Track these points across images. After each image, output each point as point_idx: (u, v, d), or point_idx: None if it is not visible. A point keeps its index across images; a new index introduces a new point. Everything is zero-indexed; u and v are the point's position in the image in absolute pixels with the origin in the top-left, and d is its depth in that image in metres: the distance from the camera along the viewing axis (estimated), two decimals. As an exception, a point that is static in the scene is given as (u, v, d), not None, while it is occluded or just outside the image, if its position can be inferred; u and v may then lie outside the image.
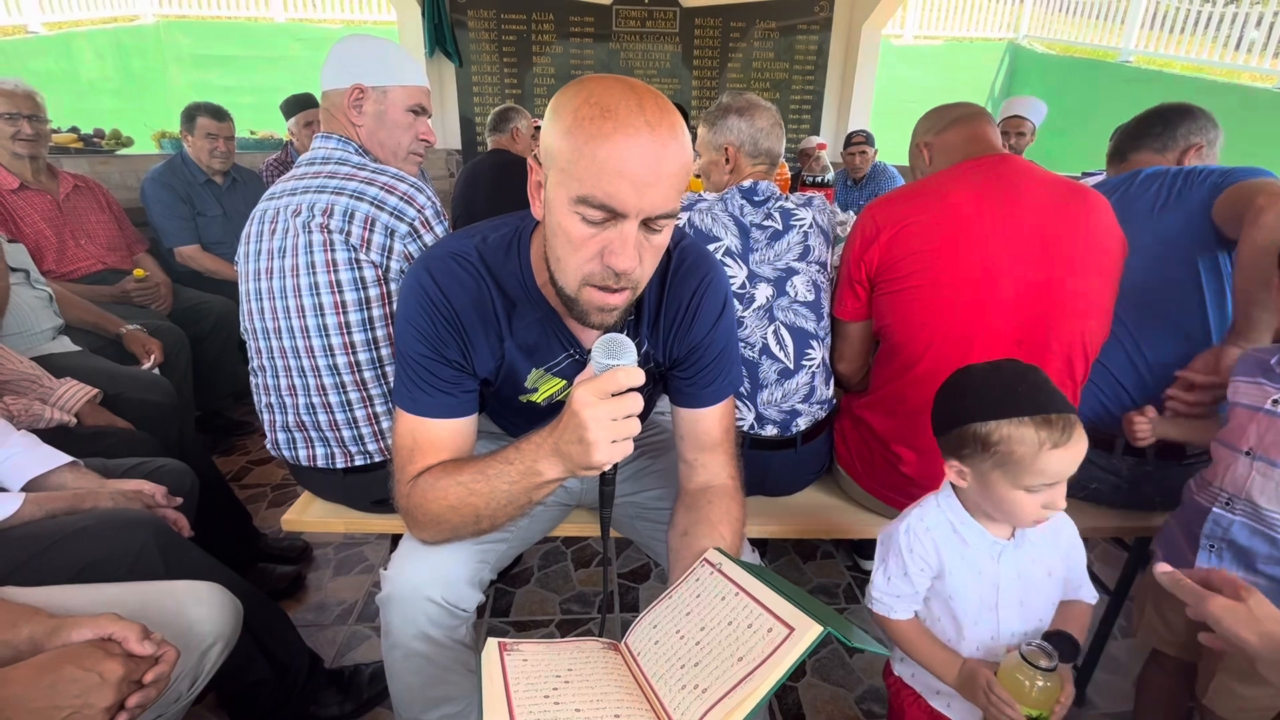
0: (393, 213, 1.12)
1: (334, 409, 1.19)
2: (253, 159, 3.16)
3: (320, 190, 1.13)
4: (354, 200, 1.11)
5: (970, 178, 1.18)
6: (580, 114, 0.68)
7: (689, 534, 0.87)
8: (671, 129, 0.69)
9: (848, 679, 1.48)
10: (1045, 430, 0.78)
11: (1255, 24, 6.01)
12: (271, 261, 1.16)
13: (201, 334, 2.32)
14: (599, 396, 0.69)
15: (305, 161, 1.21)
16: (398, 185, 1.14)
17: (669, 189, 0.70)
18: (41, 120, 2.08)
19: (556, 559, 1.85)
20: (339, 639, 1.55)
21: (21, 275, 1.74)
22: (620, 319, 0.79)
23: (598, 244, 0.72)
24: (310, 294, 1.13)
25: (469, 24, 4.55)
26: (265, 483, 2.22)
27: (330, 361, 1.16)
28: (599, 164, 0.67)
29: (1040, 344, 1.13)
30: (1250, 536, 0.95)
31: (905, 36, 8.45)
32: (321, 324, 1.14)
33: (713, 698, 0.57)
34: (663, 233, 0.74)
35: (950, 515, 0.92)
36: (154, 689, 0.75)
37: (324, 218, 1.11)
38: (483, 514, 0.81)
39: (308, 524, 1.30)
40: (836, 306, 1.33)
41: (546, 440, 0.76)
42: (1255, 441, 0.94)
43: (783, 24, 4.72)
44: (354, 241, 1.11)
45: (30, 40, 6.06)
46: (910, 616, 0.95)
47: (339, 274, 1.12)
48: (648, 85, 0.71)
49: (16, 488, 1.08)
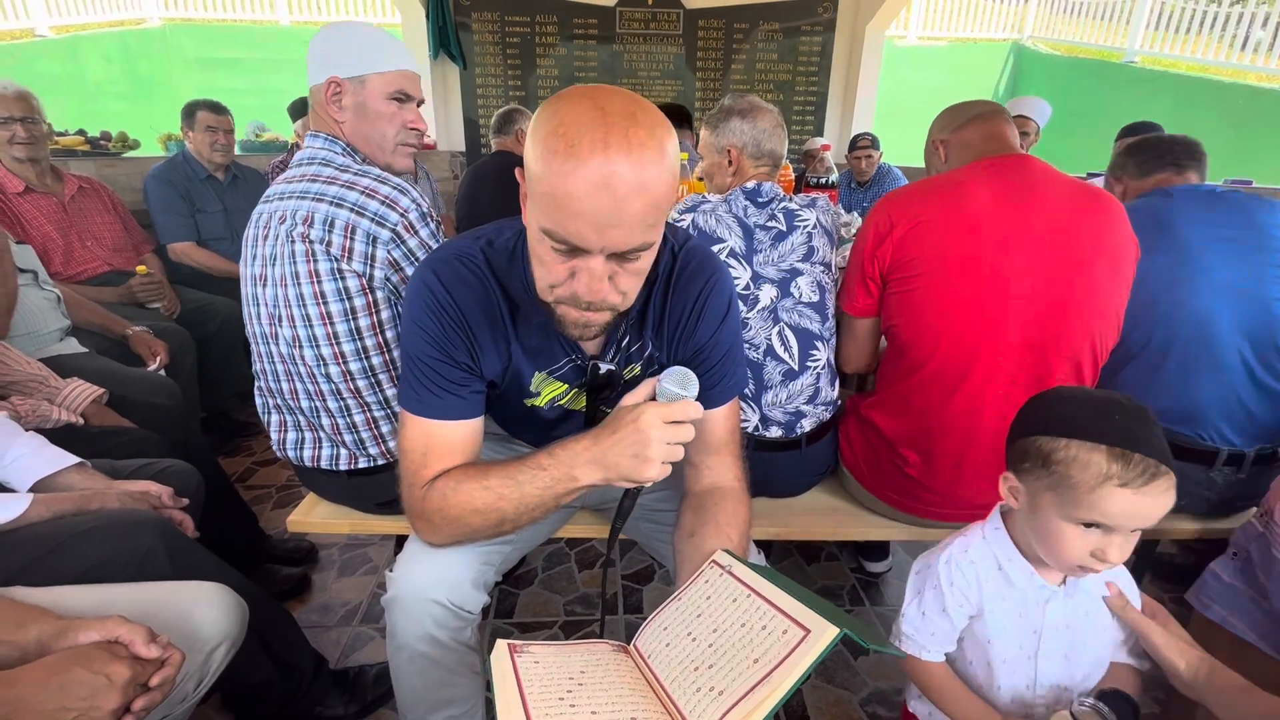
0: (374, 219, 1.07)
1: (334, 414, 1.20)
2: (259, 161, 3.17)
3: (302, 196, 1.09)
4: (333, 207, 1.07)
5: (987, 176, 1.16)
6: (547, 144, 0.65)
7: (696, 536, 0.86)
8: (641, 161, 0.64)
9: (852, 681, 1.48)
10: (1119, 464, 0.69)
11: (1261, 24, 5.99)
12: (265, 269, 1.14)
13: (207, 335, 2.33)
14: (665, 420, 0.75)
15: (295, 163, 1.18)
16: (379, 189, 1.09)
17: (634, 226, 0.67)
18: (35, 122, 2.05)
19: (560, 560, 1.85)
20: (343, 640, 1.55)
21: (30, 276, 1.74)
22: (602, 332, 0.80)
23: (567, 269, 0.72)
24: (298, 305, 1.11)
25: (473, 26, 4.56)
26: (270, 484, 2.22)
27: (324, 370, 1.16)
28: (559, 202, 0.66)
29: (1050, 347, 1.13)
30: None
31: (909, 37, 8.43)
32: (311, 334, 1.13)
33: (730, 700, 0.57)
34: (640, 260, 0.73)
35: (996, 549, 0.84)
36: (159, 692, 0.75)
37: (304, 227, 1.07)
38: (508, 518, 0.83)
39: (313, 525, 1.30)
40: (846, 302, 1.32)
41: (589, 448, 0.78)
42: None
43: (786, 25, 4.71)
44: (335, 251, 1.07)
45: (38, 43, 6.09)
46: (941, 659, 0.87)
47: (322, 285, 1.10)
48: (627, 105, 0.66)
49: (24, 488, 1.09)
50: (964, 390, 1.16)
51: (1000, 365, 1.14)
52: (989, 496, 1.16)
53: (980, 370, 1.15)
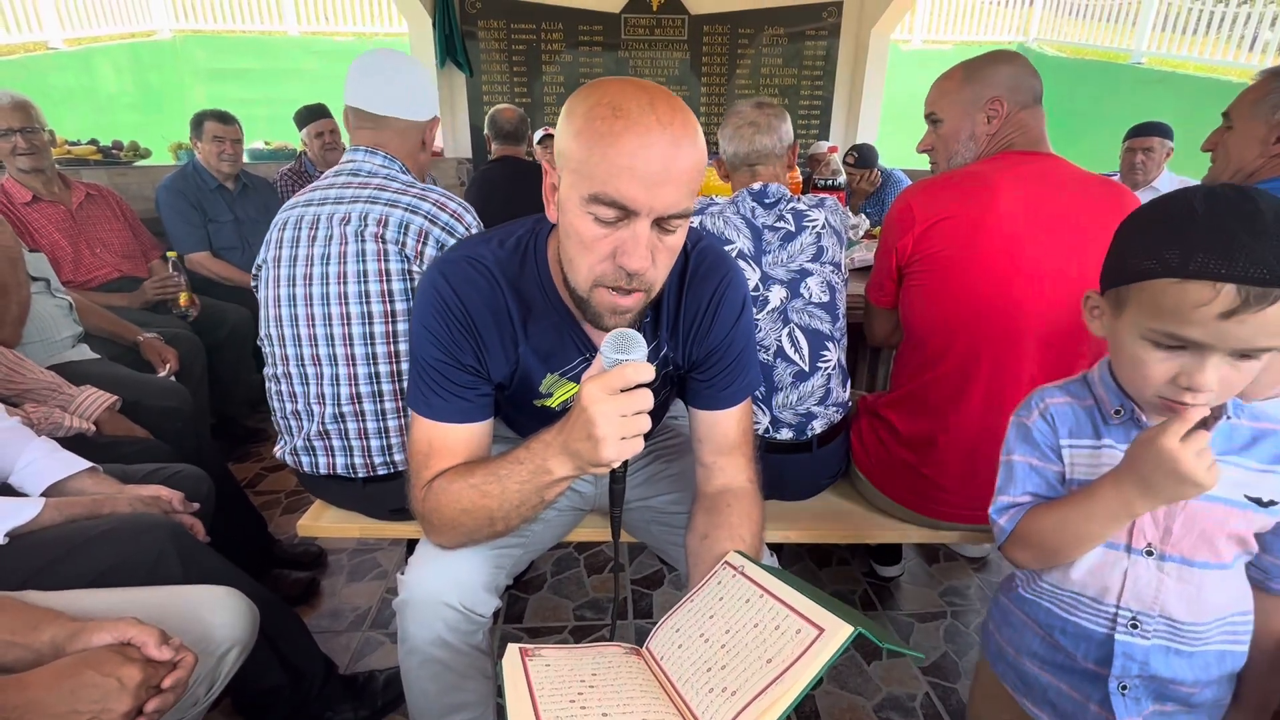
0: (444, 228, 1.17)
1: (365, 417, 1.21)
2: (268, 169, 3.20)
3: (372, 201, 1.17)
4: (408, 214, 1.16)
5: (1013, 174, 1.14)
6: (592, 115, 0.68)
7: (709, 537, 0.85)
8: (684, 127, 0.69)
9: (866, 687, 1.46)
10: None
11: (1270, 24, 5.96)
12: (311, 268, 1.18)
13: (218, 341, 2.34)
14: (607, 392, 0.67)
15: (347, 172, 1.24)
16: (448, 203, 1.20)
17: (681, 187, 0.69)
18: (35, 131, 2.05)
19: (569, 565, 1.85)
20: (353, 645, 1.55)
21: (42, 284, 1.76)
22: (635, 321, 0.78)
23: (610, 244, 0.71)
24: (359, 302, 1.16)
25: (479, 34, 4.59)
26: (280, 489, 2.23)
27: (371, 370, 1.18)
28: (610, 162, 0.67)
29: (1070, 345, 1.11)
30: (1170, 661, 0.75)
31: (914, 41, 8.43)
32: (367, 332, 1.17)
33: (743, 700, 0.56)
34: (677, 233, 0.74)
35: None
36: (171, 694, 0.75)
37: (379, 228, 1.15)
38: (496, 516, 0.81)
39: (323, 529, 1.30)
40: (874, 293, 1.35)
41: (556, 438, 0.75)
42: (1157, 535, 0.73)
43: (791, 30, 4.72)
44: (408, 252, 1.16)
45: (51, 56, 6.18)
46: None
47: (391, 284, 1.16)
48: (660, 86, 0.71)
49: (37, 493, 1.09)
50: (980, 388, 1.15)
51: (1019, 363, 1.12)
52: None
53: (997, 367, 1.13)
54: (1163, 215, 0.65)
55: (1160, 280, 0.62)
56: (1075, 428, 0.78)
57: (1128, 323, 0.68)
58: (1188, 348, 0.63)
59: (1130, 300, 0.67)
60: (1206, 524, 0.72)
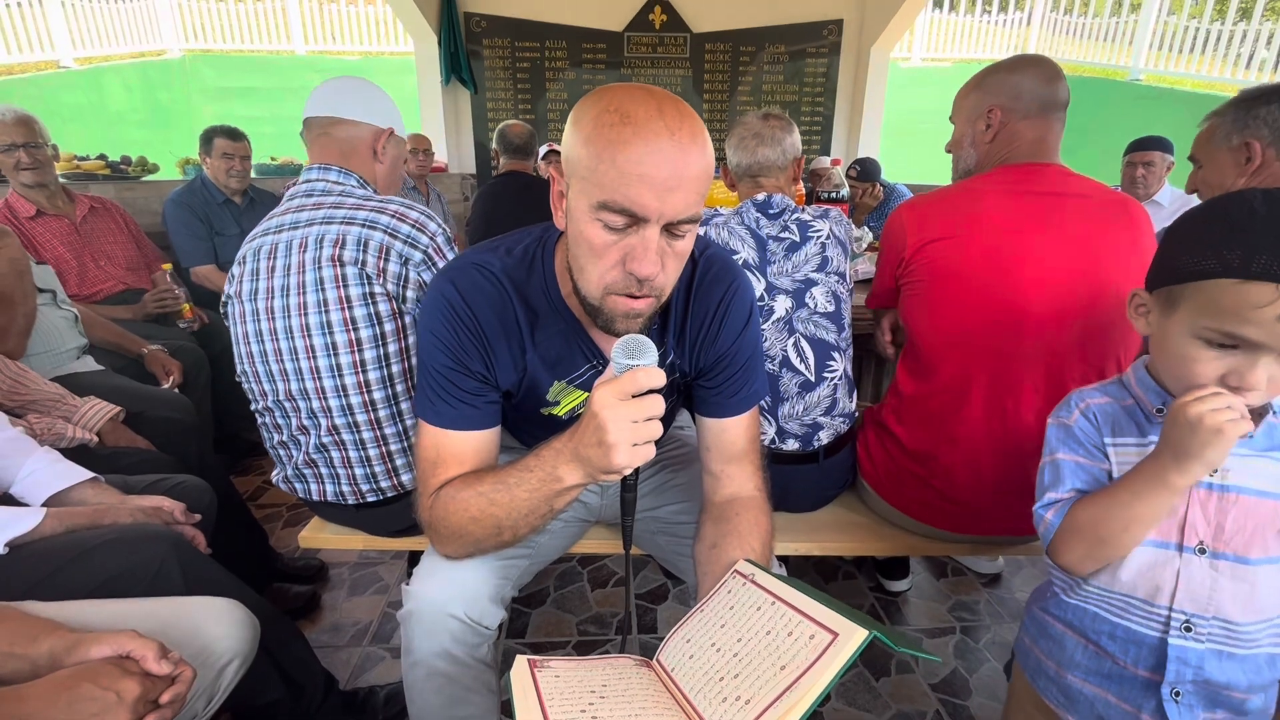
0: (406, 240, 1.11)
1: (347, 447, 1.17)
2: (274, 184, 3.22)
3: (328, 221, 1.11)
4: (366, 229, 1.10)
5: (1009, 188, 1.13)
6: (599, 121, 0.68)
7: (718, 546, 0.84)
8: (691, 133, 0.68)
9: (874, 704, 1.43)
10: None
11: (1266, 43, 6.02)
12: (272, 301, 1.12)
13: (222, 352, 2.34)
14: (619, 398, 0.67)
15: (301, 194, 1.17)
16: (408, 214, 1.13)
17: (690, 193, 0.69)
18: (39, 146, 2.06)
19: (573, 579, 1.82)
20: (353, 660, 1.53)
21: (49, 296, 1.76)
22: (646, 325, 0.78)
23: (619, 251, 0.71)
24: (321, 333, 1.10)
25: (484, 53, 4.66)
26: (281, 503, 2.21)
27: (343, 402, 1.13)
28: (619, 169, 0.67)
29: (1073, 356, 1.10)
30: (1224, 665, 0.73)
31: (913, 59, 8.54)
32: (334, 364, 1.11)
33: (758, 708, 0.55)
34: (685, 239, 0.73)
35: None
36: (170, 709, 0.73)
37: (335, 249, 1.08)
38: (504, 525, 0.80)
39: (325, 541, 1.29)
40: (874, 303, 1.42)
41: (566, 445, 0.74)
42: (1209, 532, 0.72)
43: (792, 48, 4.79)
44: (369, 271, 1.09)
45: (62, 74, 6.28)
46: None
47: (353, 310, 1.10)
48: (666, 91, 0.71)
49: (38, 503, 1.08)
50: (981, 398, 1.14)
51: (1020, 373, 1.12)
52: (1014, 508, 1.15)
53: (995, 378, 1.13)
54: (1222, 215, 0.66)
55: (1221, 280, 0.63)
56: (1118, 426, 0.78)
57: (1180, 321, 0.68)
58: (1240, 347, 0.64)
59: (1184, 299, 0.68)
60: (1258, 519, 0.71)
